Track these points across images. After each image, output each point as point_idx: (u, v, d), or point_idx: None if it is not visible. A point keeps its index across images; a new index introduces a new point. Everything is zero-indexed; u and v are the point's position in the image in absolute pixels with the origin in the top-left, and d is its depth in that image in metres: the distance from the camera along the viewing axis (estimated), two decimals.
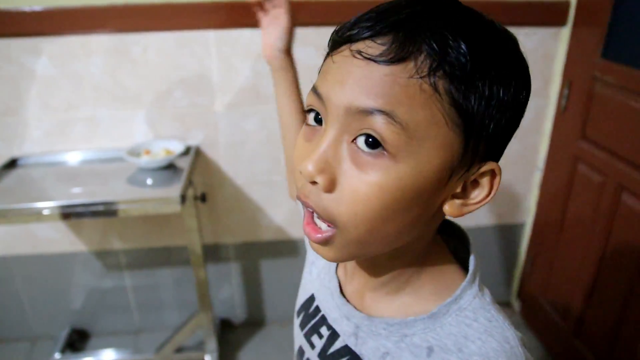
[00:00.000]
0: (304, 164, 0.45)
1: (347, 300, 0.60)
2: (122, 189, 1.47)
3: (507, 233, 2.05)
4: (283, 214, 1.87)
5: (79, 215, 1.38)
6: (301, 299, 0.70)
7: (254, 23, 1.55)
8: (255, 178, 1.78)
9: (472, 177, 0.49)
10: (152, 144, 1.61)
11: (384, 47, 0.43)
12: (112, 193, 1.43)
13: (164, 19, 1.51)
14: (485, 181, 0.49)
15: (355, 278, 0.61)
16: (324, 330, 0.63)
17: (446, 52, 0.42)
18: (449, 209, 0.50)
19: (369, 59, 0.43)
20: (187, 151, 1.63)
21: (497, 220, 2.01)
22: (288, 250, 1.94)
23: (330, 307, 0.62)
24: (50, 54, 1.53)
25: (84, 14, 1.48)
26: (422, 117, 0.43)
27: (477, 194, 0.50)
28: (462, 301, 0.53)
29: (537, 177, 1.93)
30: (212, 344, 1.80)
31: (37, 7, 1.46)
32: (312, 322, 0.65)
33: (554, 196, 1.84)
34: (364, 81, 0.43)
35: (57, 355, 1.82)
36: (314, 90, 0.48)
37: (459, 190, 0.49)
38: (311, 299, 0.67)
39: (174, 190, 1.39)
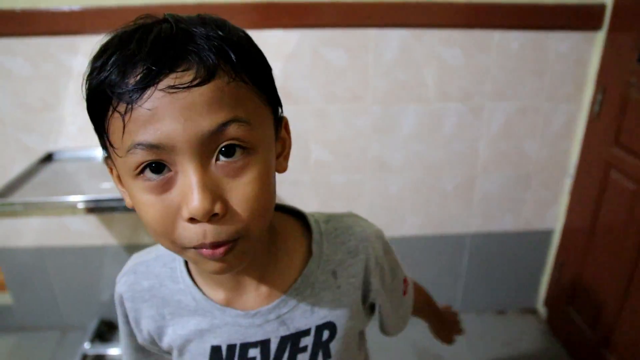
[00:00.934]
0: (194, 206, 0.45)
1: (254, 312, 0.62)
2: None
3: (535, 239, 2.02)
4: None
5: (111, 209, 1.41)
6: None
7: (284, 24, 1.58)
8: (282, 177, 1.79)
9: (280, 134, 0.58)
10: None
11: (192, 71, 0.45)
12: None
13: None
14: (284, 132, 0.59)
15: (248, 284, 0.63)
16: (253, 352, 0.64)
17: (237, 54, 0.48)
18: (279, 168, 0.59)
19: (188, 87, 0.44)
20: None
21: (524, 226, 1.98)
22: None
23: (244, 332, 0.63)
24: (86, 52, 1.58)
25: (119, 13, 1.51)
26: (252, 108, 0.49)
27: (286, 145, 0.60)
28: (320, 229, 0.66)
29: (567, 184, 1.90)
30: None
31: (76, 7, 1.50)
32: None
33: (584, 203, 1.81)
34: (198, 106, 0.45)
35: (86, 345, 1.87)
36: (143, 145, 0.45)
37: (279, 150, 0.58)
38: (215, 350, 0.64)
39: None
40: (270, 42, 1.58)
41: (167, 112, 0.44)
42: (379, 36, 1.63)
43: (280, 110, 0.57)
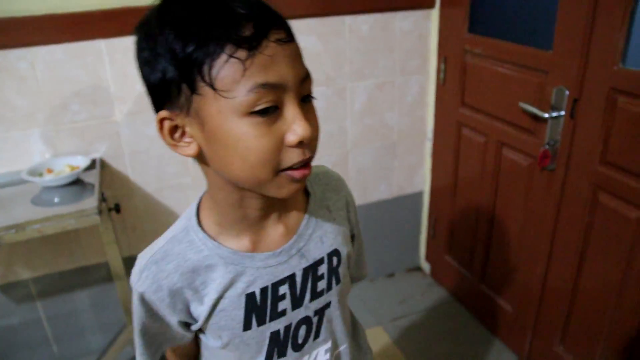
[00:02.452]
0: (304, 131, 0.57)
1: (280, 250, 0.71)
2: (30, 211, 1.41)
3: (409, 202, 2.22)
4: None
5: None
6: (237, 318, 0.70)
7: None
8: (164, 183, 1.78)
9: None
10: (53, 162, 1.55)
11: (283, 31, 0.56)
12: (20, 216, 1.37)
13: (49, 31, 1.46)
14: None
15: (269, 227, 0.71)
16: (282, 289, 0.71)
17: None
18: None
19: (289, 42, 0.57)
20: (92, 165, 1.59)
21: (398, 192, 2.17)
22: None
23: (273, 271, 0.70)
24: None
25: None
26: None
27: None
28: (314, 172, 0.79)
29: (428, 147, 2.11)
30: None
31: None
32: (269, 302, 0.71)
33: (445, 161, 2.03)
34: (297, 57, 0.58)
35: None
36: (267, 85, 0.54)
37: None
38: (250, 298, 0.69)
39: (90, 203, 1.37)
40: (133, 48, 1.55)
41: (281, 59, 0.55)
42: None
43: None
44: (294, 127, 0.57)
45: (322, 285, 0.75)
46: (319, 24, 1.76)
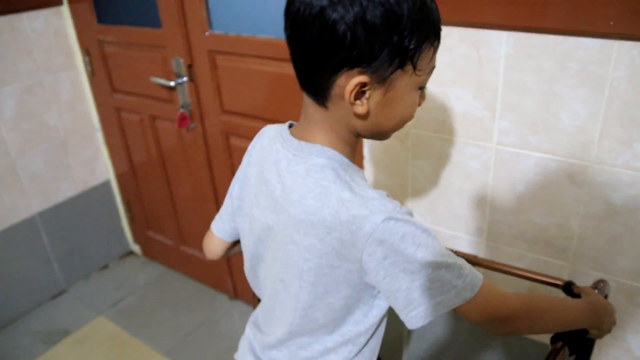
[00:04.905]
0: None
1: None
2: None
3: (98, 194, 2.28)
4: None
5: None
6: None
7: None
8: None
9: None
10: None
11: None
12: None
13: None
14: None
15: None
16: None
17: None
18: None
19: None
20: None
21: (83, 187, 2.20)
22: None
23: None
24: None
25: None
26: None
27: None
28: None
29: (99, 137, 2.20)
30: None
31: None
32: None
33: (118, 146, 2.15)
34: None
35: None
36: (432, 70, 0.71)
37: None
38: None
39: None
40: None
41: None
42: None
43: None
44: (422, 99, 0.74)
45: None
46: None
